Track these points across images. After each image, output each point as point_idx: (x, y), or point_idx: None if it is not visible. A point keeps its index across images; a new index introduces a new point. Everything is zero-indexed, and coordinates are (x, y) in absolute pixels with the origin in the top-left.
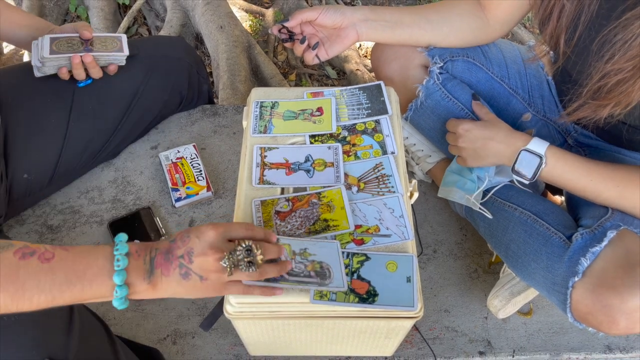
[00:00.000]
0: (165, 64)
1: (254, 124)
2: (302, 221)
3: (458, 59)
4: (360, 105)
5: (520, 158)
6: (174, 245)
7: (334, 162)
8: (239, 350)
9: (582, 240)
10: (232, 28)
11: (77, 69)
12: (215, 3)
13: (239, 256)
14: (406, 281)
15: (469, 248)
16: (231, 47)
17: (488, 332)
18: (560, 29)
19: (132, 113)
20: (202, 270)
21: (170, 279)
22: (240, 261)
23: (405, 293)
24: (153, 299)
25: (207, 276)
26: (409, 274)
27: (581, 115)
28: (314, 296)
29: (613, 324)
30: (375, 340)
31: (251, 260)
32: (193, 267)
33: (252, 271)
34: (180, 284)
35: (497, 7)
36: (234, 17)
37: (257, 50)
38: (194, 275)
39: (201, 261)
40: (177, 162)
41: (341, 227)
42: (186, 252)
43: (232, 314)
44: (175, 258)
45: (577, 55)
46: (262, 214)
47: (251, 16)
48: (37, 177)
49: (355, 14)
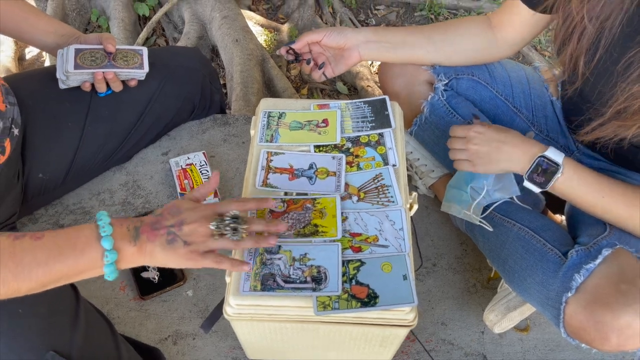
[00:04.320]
0: (179, 73)
1: (261, 132)
2: (293, 223)
3: (463, 77)
4: (365, 119)
5: (536, 165)
6: (162, 217)
7: (336, 172)
8: (237, 354)
9: (577, 257)
10: (247, 42)
11: (99, 83)
12: (232, 17)
13: (226, 221)
14: (403, 279)
15: (468, 263)
16: (245, 60)
17: (484, 346)
18: (580, 50)
19: (146, 119)
20: (188, 236)
21: (155, 244)
22: (227, 226)
23: (404, 290)
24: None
25: (191, 241)
26: (404, 272)
27: (600, 135)
28: (318, 307)
29: (605, 340)
30: (370, 348)
31: (236, 228)
32: (181, 234)
33: (237, 239)
34: (163, 249)
35: (508, 28)
36: (250, 31)
37: (270, 64)
38: (179, 240)
39: (192, 228)
40: (186, 169)
41: (329, 234)
42: (177, 222)
43: (232, 315)
44: (163, 227)
45: (597, 76)
46: (256, 212)
47: (266, 31)
48: (51, 177)
49: (358, 36)
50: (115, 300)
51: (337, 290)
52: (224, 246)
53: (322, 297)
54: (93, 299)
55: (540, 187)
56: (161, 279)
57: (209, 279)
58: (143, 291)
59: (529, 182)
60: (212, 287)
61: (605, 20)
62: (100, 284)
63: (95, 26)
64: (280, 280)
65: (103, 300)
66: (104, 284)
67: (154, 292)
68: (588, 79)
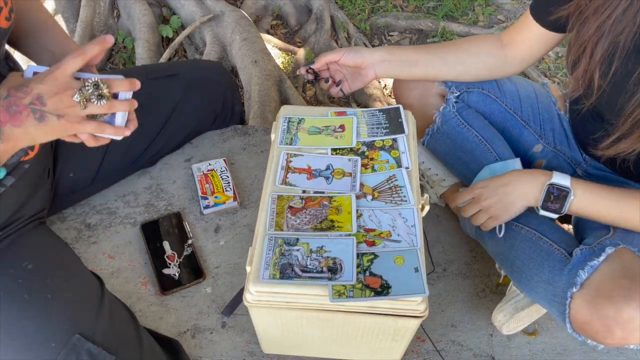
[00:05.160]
0: (202, 84)
1: (281, 136)
2: (311, 218)
3: (474, 90)
4: (380, 125)
5: (547, 193)
6: (14, 99)
7: (352, 173)
8: (253, 348)
9: (582, 255)
10: (266, 63)
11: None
12: (252, 39)
13: (88, 90)
14: (414, 271)
15: (477, 269)
16: (263, 79)
17: (493, 348)
18: (594, 64)
19: (170, 126)
20: (57, 110)
21: (25, 126)
22: (91, 95)
23: (416, 282)
24: None
25: (63, 113)
26: (415, 265)
27: (621, 148)
28: (333, 295)
29: (609, 334)
30: (382, 342)
31: (100, 94)
32: (48, 109)
33: (103, 104)
34: (38, 127)
35: (520, 45)
36: (268, 53)
37: (287, 84)
38: (50, 116)
39: (56, 101)
40: (207, 174)
41: (344, 229)
42: (35, 98)
43: (251, 302)
44: (23, 107)
45: (612, 89)
46: (276, 206)
47: (284, 53)
48: (81, 177)
49: (373, 55)
50: (137, 294)
51: (352, 279)
52: (97, 111)
53: (337, 285)
54: (116, 293)
55: (556, 213)
56: (181, 276)
57: (227, 277)
58: (164, 287)
59: (544, 211)
60: (231, 284)
61: (619, 35)
62: (123, 279)
63: (121, 47)
64: (298, 270)
65: (125, 294)
66: (127, 280)
67: (174, 288)
68: (604, 91)
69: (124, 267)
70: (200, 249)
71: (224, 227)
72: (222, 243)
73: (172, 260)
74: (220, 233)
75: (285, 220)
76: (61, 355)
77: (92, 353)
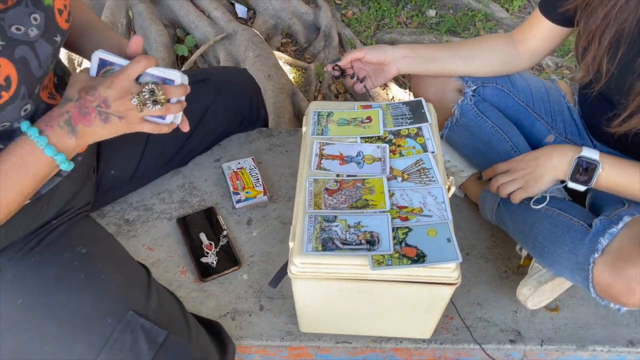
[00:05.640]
0: (231, 88)
1: (313, 128)
2: (346, 198)
3: (488, 85)
4: (404, 116)
5: (576, 165)
6: (84, 101)
7: (382, 158)
8: (290, 328)
9: (601, 224)
10: (279, 77)
11: None
12: (265, 55)
13: (144, 96)
14: (447, 242)
15: (498, 252)
16: (277, 93)
17: (518, 323)
18: (602, 50)
19: (201, 127)
20: (119, 112)
21: (93, 126)
22: (147, 100)
23: (449, 251)
24: None
25: (124, 115)
26: (448, 236)
27: (633, 124)
28: (373, 264)
29: (631, 293)
30: (416, 314)
31: (155, 100)
32: (112, 111)
33: (158, 108)
34: (103, 127)
35: (531, 41)
36: (280, 68)
37: (300, 97)
38: (113, 117)
39: (119, 104)
40: (237, 172)
41: (379, 207)
42: (102, 101)
43: (295, 274)
44: (92, 109)
45: (620, 71)
46: (313, 188)
47: (294, 69)
48: (121, 174)
49: (395, 52)
50: (178, 282)
51: (390, 249)
52: (152, 114)
53: (376, 255)
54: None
55: (584, 185)
56: (219, 264)
57: (262, 265)
58: (203, 274)
59: (572, 183)
60: (265, 271)
61: (624, 22)
62: (163, 269)
63: None
64: (338, 243)
65: (166, 282)
66: (167, 269)
67: (212, 275)
68: (613, 74)
69: (163, 258)
70: (234, 240)
71: (255, 219)
72: (254, 234)
73: (209, 249)
74: (252, 225)
75: (323, 200)
76: (117, 331)
77: (146, 328)
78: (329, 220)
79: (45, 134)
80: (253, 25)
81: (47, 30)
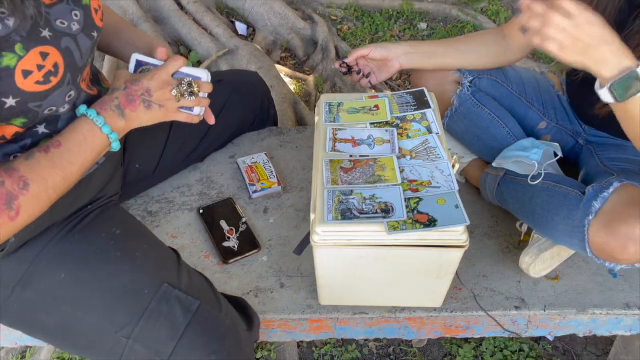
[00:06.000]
0: (244, 88)
1: (325, 116)
2: (360, 174)
3: (484, 77)
4: (408, 103)
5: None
6: (130, 90)
7: (390, 140)
8: (310, 302)
9: (593, 190)
10: (281, 87)
11: None
12: (266, 68)
13: (183, 87)
14: (455, 208)
15: (499, 230)
16: (280, 101)
17: (521, 291)
18: None
19: (218, 124)
20: (160, 100)
21: (138, 112)
22: (184, 92)
23: (457, 215)
24: None
25: (164, 104)
26: (455, 203)
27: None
28: (389, 229)
29: (624, 249)
30: (428, 281)
31: (192, 91)
32: (153, 99)
33: (192, 99)
34: (145, 113)
35: (517, 35)
36: (282, 79)
37: (302, 106)
38: (154, 105)
39: (160, 94)
40: (252, 165)
41: (391, 181)
42: (145, 91)
43: (317, 242)
44: (137, 97)
45: None
46: (329, 167)
47: (294, 81)
48: (145, 167)
49: (398, 49)
50: (202, 265)
51: (403, 216)
52: (187, 104)
53: (391, 221)
54: None
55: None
56: (240, 247)
57: (280, 247)
58: (225, 257)
59: (608, 91)
60: (283, 253)
61: (603, 12)
62: (187, 253)
63: None
64: (355, 212)
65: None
66: (191, 254)
67: (234, 257)
68: None
69: (187, 244)
70: (252, 227)
71: (271, 208)
72: (271, 221)
73: (230, 234)
74: (269, 213)
75: (339, 177)
76: (154, 301)
77: (180, 298)
78: (345, 193)
79: (101, 115)
80: (253, 41)
81: (86, 26)
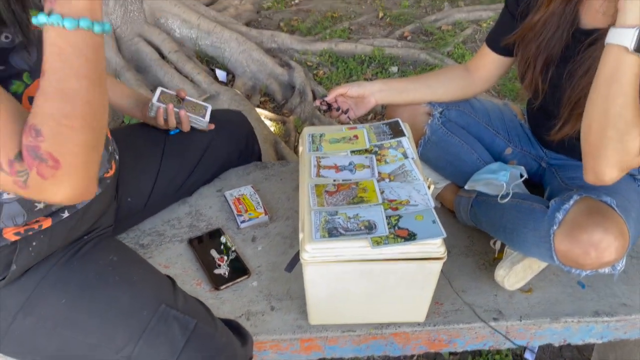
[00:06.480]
0: (229, 126)
1: (308, 146)
2: (344, 197)
3: (452, 108)
4: (385, 133)
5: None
6: None
7: (370, 165)
8: (300, 322)
9: (556, 204)
10: (262, 129)
11: (171, 115)
12: (247, 110)
13: None
14: (432, 223)
15: (475, 249)
16: (261, 142)
17: (498, 304)
18: (537, 73)
19: (205, 159)
20: None
21: None
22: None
23: (435, 229)
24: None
25: None
26: (432, 219)
27: (566, 132)
28: (373, 244)
29: (586, 255)
30: (412, 293)
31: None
32: None
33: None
34: None
35: (481, 69)
36: (262, 122)
37: (282, 145)
38: None
39: None
40: (239, 197)
41: (372, 201)
42: None
43: (307, 260)
44: None
45: (551, 89)
46: (315, 191)
47: (275, 123)
48: (136, 201)
49: (373, 87)
50: (195, 292)
51: (386, 232)
52: None
53: (375, 237)
54: None
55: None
56: (230, 274)
57: (269, 273)
58: (217, 284)
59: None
60: (272, 278)
61: (552, 50)
62: (180, 282)
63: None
64: (341, 230)
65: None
66: (183, 282)
67: (226, 284)
68: (547, 92)
69: (179, 273)
70: (242, 254)
71: (259, 236)
72: (259, 249)
73: (221, 261)
74: (257, 241)
75: (325, 200)
76: (153, 321)
77: (178, 318)
78: (331, 214)
79: (55, 12)
80: (233, 86)
81: None
